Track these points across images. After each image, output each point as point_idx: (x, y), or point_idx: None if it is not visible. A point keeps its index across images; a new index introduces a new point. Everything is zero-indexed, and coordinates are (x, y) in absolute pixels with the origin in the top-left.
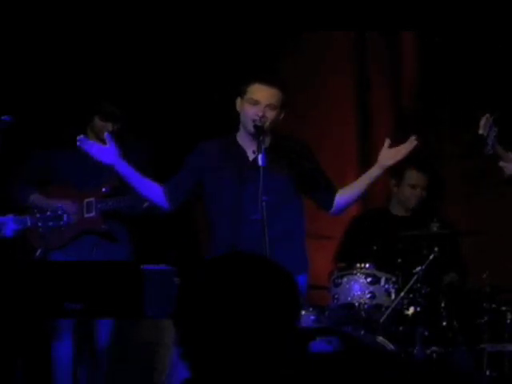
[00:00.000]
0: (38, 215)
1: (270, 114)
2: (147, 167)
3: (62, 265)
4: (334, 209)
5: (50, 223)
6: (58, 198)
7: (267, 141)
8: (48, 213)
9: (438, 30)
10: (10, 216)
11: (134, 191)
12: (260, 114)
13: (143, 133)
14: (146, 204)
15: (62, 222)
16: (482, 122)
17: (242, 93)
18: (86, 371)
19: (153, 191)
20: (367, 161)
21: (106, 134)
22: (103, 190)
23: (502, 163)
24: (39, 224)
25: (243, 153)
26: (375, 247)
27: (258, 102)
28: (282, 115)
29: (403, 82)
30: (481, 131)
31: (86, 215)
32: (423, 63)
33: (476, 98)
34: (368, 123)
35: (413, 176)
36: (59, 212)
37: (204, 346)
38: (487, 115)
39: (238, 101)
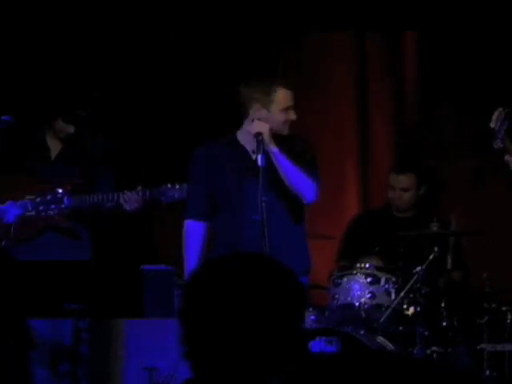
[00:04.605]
0: (37, 199)
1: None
2: (109, 165)
3: (62, 265)
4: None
5: (52, 206)
6: (22, 192)
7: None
8: (48, 197)
9: (438, 29)
10: (10, 202)
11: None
12: (294, 117)
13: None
14: (110, 204)
15: (63, 206)
16: (495, 115)
17: (263, 97)
18: (85, 370)
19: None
20: (367, 161)
21: None
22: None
23: (507, 157)
24: (40, 208)
25: (245, 152)
26: (377, 248)
27: (290, 107)
28: None
29: (403, 81)
30: (492, 124)
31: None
32: (423, 63)
33: (477, 97)
34: (368, 123)
35: (391, 178)
36: (59, 195)
37: (207, 346)
38: (500, 109)
39: (257, 106)
